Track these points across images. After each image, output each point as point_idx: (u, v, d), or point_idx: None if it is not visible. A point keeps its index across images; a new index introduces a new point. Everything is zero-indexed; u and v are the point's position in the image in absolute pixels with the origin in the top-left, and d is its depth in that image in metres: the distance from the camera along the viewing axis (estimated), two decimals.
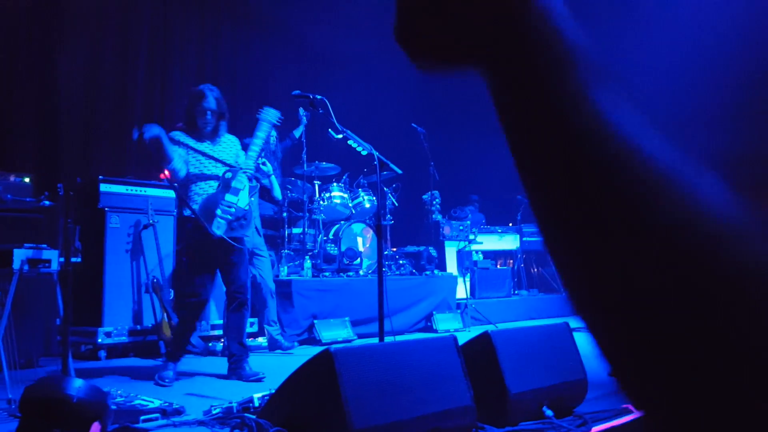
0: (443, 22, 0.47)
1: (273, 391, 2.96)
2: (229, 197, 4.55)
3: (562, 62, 0.41)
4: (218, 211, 4.51)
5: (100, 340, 5.63)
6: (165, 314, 5.70)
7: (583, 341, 5.01)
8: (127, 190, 6.04)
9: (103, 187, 5.91)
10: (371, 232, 8.11)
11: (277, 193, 6.69)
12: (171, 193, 6.32)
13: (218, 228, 4.48)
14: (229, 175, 4.63)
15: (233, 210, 4.54)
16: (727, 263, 0.33)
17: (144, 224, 6.01)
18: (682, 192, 0.36)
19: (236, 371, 4.67)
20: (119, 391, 4.03)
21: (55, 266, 4.97)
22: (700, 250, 0.34)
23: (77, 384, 3.09)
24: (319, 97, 4.43)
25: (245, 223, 4.62)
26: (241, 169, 4.68)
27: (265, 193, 6.43)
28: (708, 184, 0.37)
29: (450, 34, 0.47)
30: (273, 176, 6.22)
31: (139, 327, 5.90)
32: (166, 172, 6.83)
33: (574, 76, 0.40)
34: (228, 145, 4.88)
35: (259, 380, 4.54)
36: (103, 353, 5.67)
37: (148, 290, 5.83)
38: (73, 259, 5.53)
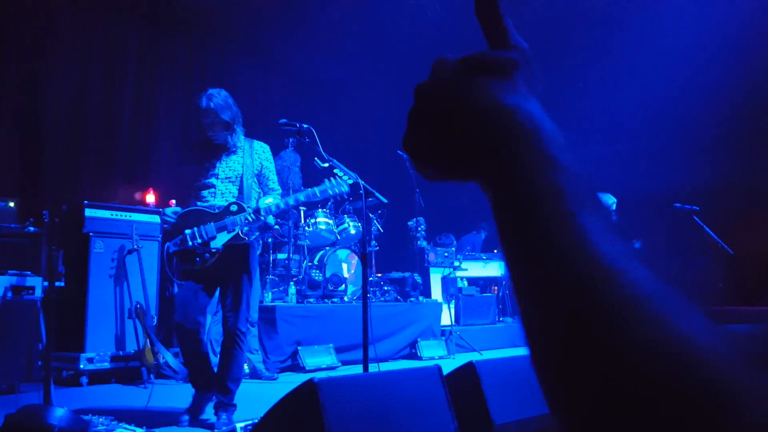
0: (445, 141, 0.51)
1: (256, 421, 2.95)
2: (210, 227, 4.17)
3: (551, 187, 0.44)
4: (188, 231, 4.17)
5: (82, 366, 5.57)
6: (148, 340, 5.66)
7: None
8: (112, 215, 6.02)
9: (88, 212, 5.89)
10: (356, 258, 8.12)
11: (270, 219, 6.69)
12: (156, 219, 6.32)
13: (173, 246, 4.18)
14: (234, 208, 4.21)
15: (200, 241, 4.14)
16: (695, 386, 0.35)
17: (128, 249, 5.99)
18: (659, 317, 0.37)
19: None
20: (101, 419, 4.00)
21: (38, 293, 4.94)
22: (670, 372, 0.35)
23: (59, 413, 3.07)
24: (306, 126, 4.42)
25: (200, 259, 4.16)
26: (246, 211, 4.20)
27: None
28: (688, 312, 0.38)
29: (450, 152, 0.51)
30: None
31: (121, 353, 5.85)
32: (151, 196, 6.81)
33: (562, 202, 0.43)
34: (247, 156, 4.38)
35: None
36: (84, 379, 5.62)
37: (131, 316, 5.80)
38: (57, 284, 5.50)
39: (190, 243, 4.14)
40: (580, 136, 11.11)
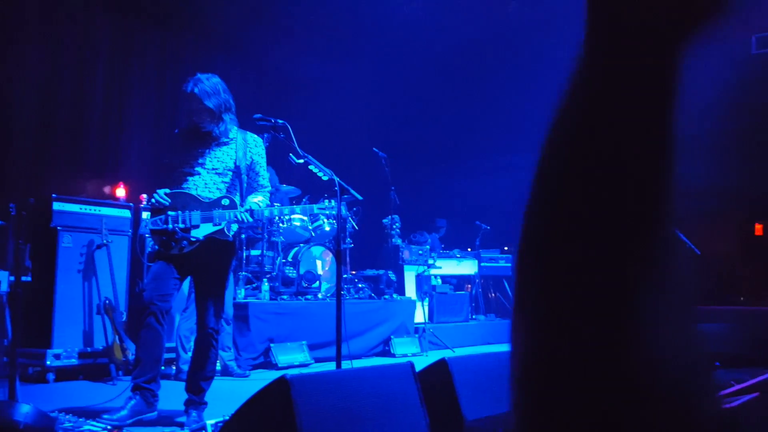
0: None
1: (227, 418, 2.91)
2: (196, 215, 4.00)
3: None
4: (171, 213, 4.01)
5: (48, 363, 5.47)
6: (117, 336, 5.59)
7: None
8: (80, 209, 5.92)
9: (56, 206, 5.78)
10: (331, 255, 8.09)
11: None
12: (126, 213, 6.23)
13: (152, 224, 4.00)
14: (226, 202, 4.05)
15: (182, 226, 3.97)
16: None
17: (97, 244, 5.89)
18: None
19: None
20: (68, 416, 3.93)
21: (4, 288, 4.84)
22: None
23: (24, 410, 3.01)
24: (281, 121, 4.36)
25: (176, 245, 3.97)
26: (237, 209, 4.04)
27: None
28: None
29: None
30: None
31: (89, 349, 5.75)
32: (122, 190, 6.71)
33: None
34: (240, 149, 4.19)
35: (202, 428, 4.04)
36: (51, 376, 5.52)
37: (99, 311, 5.71)
38: (23, 278, 5.39)
39: (171, 225, 3.97)
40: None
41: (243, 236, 7.29)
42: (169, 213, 4.00)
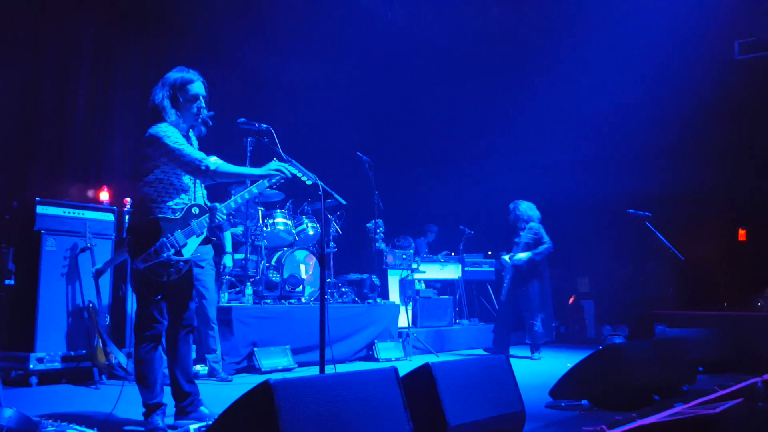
0: None
1: (210, 423, 2.92)
2: (179, 235, 3.82)
3: None
4: (156, 243, 3.75)
5: (31, 366, 5.45)
6: (100, 340, 5.57)
7: (522, 373, 5.10)
8: (64, 212, 5.90)
9: (40, 209, 5.76)
10: (314, 259, 8.10)
11: (228, 246, 6.64)
12: (110, 216, 6.22)
13: (142, 261, 3.74)
14: (195, 210, 3.90)
15: (173, 251, 3.77)
16: None
17: (81, 247, 5.88)
18: None
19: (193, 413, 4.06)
20: (51, 420, 3.92)
21: None
22: None
23: (7, 414, 3.01)
24: (264, 126, 4.38)
25: (175, 269, 3.80)
26: (206, 213, 3.94)
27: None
28: None
29: None
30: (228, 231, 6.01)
31: (73, 353, 5.73)
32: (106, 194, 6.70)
33: None
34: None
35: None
36: (34, 379, 5.50)
37: (83, 315, 5.69)
38: (7, 282, 5.37)
39: (165, 255, 3.75)
40: (535, 143, 11.27)
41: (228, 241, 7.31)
42: (155, 244, 3.77)
